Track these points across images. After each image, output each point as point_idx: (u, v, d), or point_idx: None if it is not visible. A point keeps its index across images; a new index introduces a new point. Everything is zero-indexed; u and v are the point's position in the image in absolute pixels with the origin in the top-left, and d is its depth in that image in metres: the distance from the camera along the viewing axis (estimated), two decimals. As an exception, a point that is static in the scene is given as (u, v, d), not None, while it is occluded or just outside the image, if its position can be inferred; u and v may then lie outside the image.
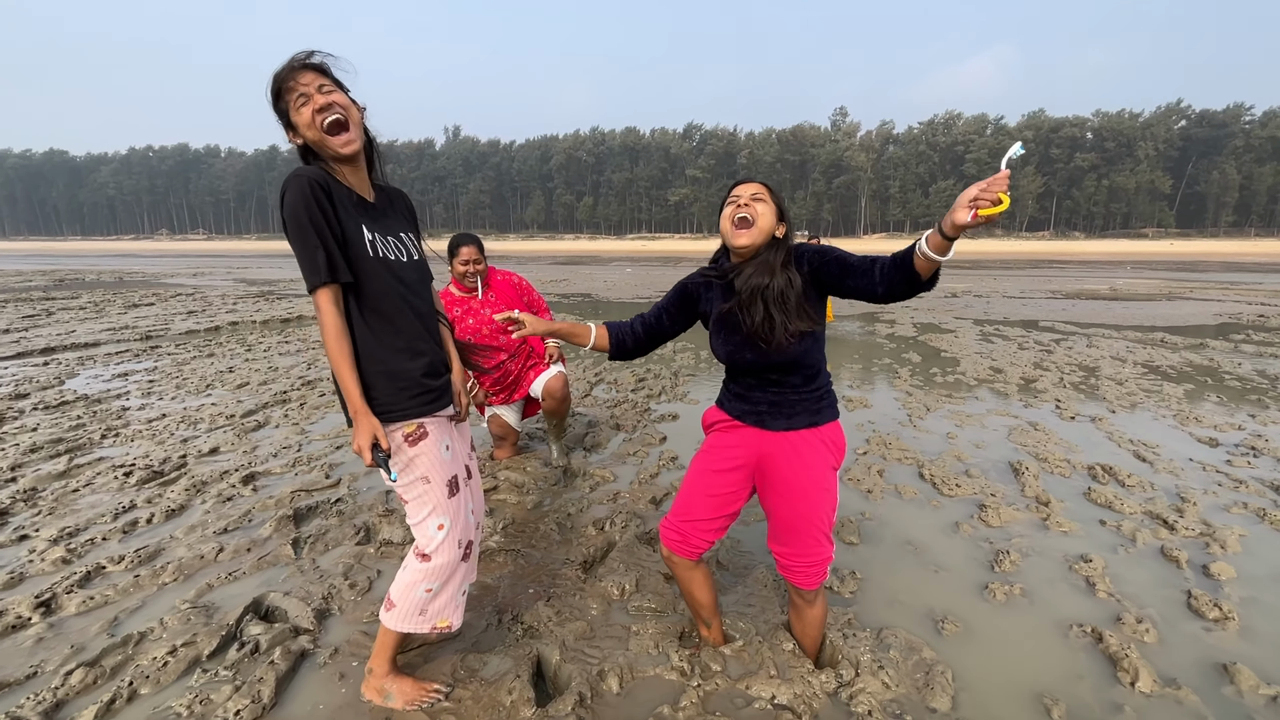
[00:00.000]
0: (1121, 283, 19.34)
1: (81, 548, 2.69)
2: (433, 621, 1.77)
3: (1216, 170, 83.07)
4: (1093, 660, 2.02)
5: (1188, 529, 2.91)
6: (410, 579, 1.73)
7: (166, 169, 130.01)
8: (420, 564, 1.73)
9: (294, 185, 1.48)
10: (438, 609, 1.77)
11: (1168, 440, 4.25)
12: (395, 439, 1.62)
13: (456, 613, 1.82)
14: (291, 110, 1.55)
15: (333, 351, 1.53)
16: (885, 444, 4.13)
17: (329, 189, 1.53)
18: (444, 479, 1.69)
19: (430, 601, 1.75)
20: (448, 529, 1.71)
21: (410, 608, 1.74)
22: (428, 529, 1.71)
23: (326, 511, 3.09)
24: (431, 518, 1.70)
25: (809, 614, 1.92)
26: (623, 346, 1.85)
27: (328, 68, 1.58)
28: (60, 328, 9.06)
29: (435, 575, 1.73)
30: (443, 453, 1.69)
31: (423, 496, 1.68)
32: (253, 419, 4.60)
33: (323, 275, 1.49)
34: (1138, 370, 6.50)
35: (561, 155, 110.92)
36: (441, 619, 1.79)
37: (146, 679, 1.88)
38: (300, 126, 1.55)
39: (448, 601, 1.79)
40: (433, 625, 1.78)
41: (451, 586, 1.78)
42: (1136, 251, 53.16)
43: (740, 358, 1.74)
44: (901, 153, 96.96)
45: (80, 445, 3.98)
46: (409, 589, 1.73)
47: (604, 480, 3.53)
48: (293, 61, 1.55)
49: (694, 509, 1.85)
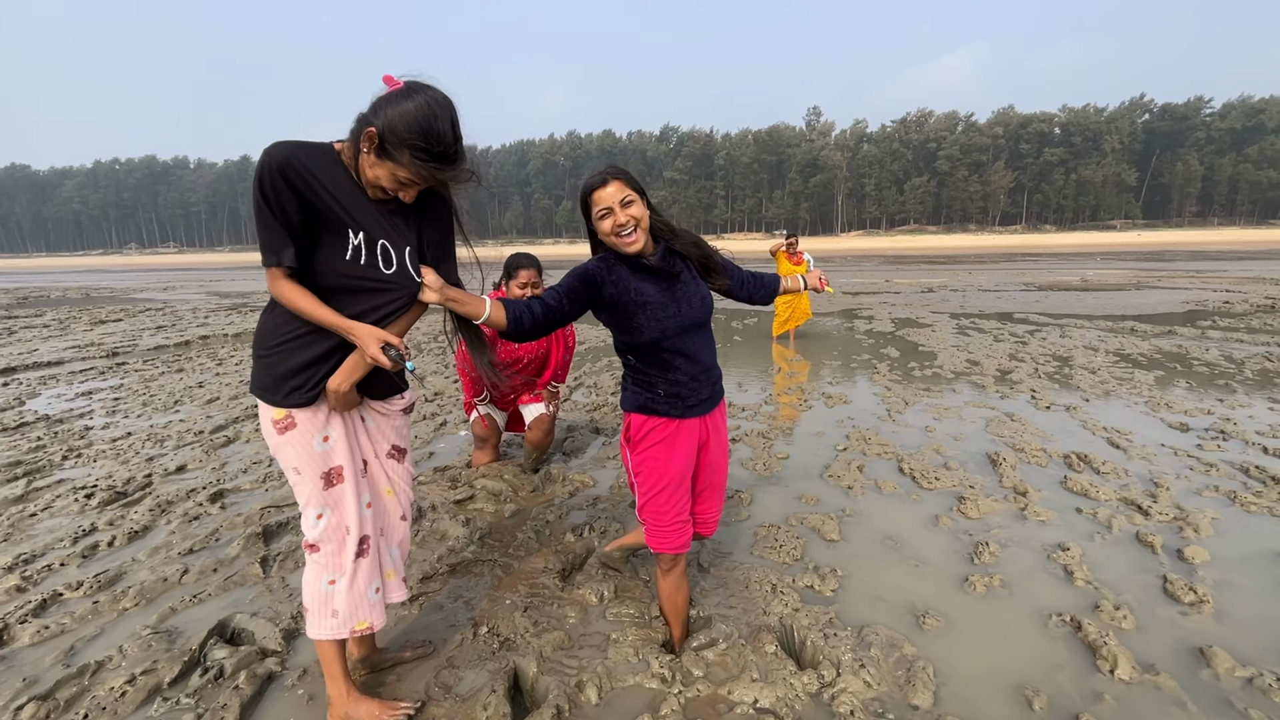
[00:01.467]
0: (1092, 273, 19.73)
1: (38, 574, 2.58)
2: (349, 624, 1.69)
3: (1180, 162, 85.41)
4: (1072, 649, 2.02)
5: (1162, 514, 2.94)
6: (309, 574, 1.69)
7: (134, 182, 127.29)
8: (309, 555, 1.68)
9: (260, 166, 1.42)
10: (349, 609, 1.69)
11: (1140, 427, 4.32)
12: (267, 422, 1.60)
13: (374, 612, 1.74)
14: (364, 145, 1.48)
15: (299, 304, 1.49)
16: (865, 439, 4.14)
17: (294, 174, 1.43)
18: (316, 472, 1.62)
19: (336, 598, 1.67)
20: (328, 518, 1.66)
21: (318, 607, 1.67)
22: (308, 518, 1.66)
23: (297, 528, 3.00)
24: (309, 507, 1.65)
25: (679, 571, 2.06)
26: (520, 325, 1.77)
27: None
28: (22, 346, 8.78)
29: (329, 566, 1.67)
30: (315, 444, 1.61)
31: (297, 486, 1.64)
32: (222, 434, 4.48)
33: (271, 258, 1.46)
34: (1110, 359, 6.61)
35: (538, 160, 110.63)
36: (358, 620, 1.70)
37: (103, 710, 1.80)
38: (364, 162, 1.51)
39: (359, 600, 1.70)
40: (350, 628, 1.69)
41: (359, 582, 1.69)
42: (1106, 243, 54.34)
43: (670, 325, 1.82)
44: (876, 151, 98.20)
45: (40, 467, 3.84)
46: (311, 585, 1.68)
47: (583, 486, 3.48)
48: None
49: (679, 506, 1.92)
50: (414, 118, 1.42)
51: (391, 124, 1.41)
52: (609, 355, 7.42)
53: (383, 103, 1.44)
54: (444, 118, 1.45)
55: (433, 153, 1.45)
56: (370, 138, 1.44)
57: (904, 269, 25.23)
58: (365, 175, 1.51)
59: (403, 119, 1.41)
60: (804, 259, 8.05)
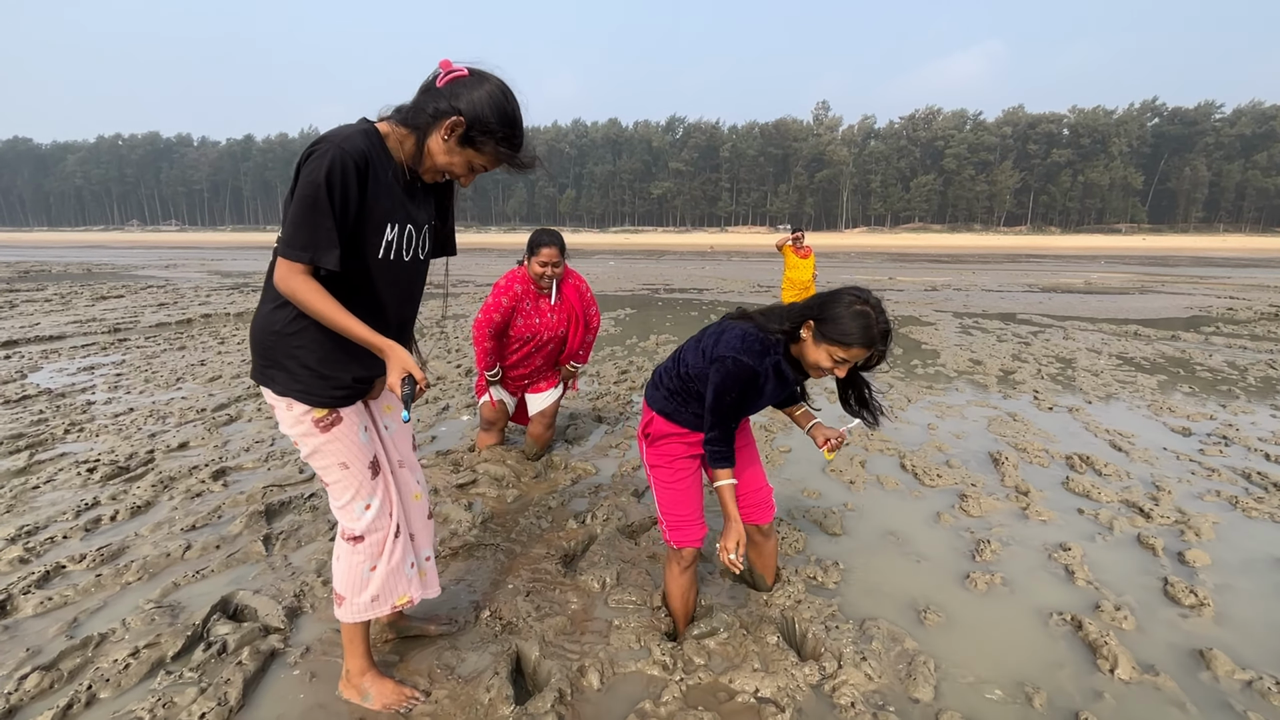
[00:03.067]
0: (1096, 276, 19.70)
1: (40, 546, 2.58)
2: (390, 601, 1.72)
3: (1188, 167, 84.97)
4: (1073, 648, 2.02)
5: (1163, 517, 2.95)
6: (348, 564, 1.68)
7: (137, 158, 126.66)
8: (353, 546, 1.67)
9: (332, 157, 1.33)
10: (390, 588, 1.71)
11: (1143, 430, 4.32)
12: (305, 423, 1.54)
13: (413, 585, 1.77)
14: (445, 133, 1.42)
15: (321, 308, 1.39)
16: (866, 435, 4.14)
17: (366, 173, 1.39)
18: (364, 462, 1.62)
19: (375, 583, 1.69)
20: (376, 507, 1.66)
21: (355, 593, 1.68)
22: (353, 510, 1.64)
23: (300, 507, 3.00)
24: (358, 499, 1.64)
25: (767, 546, 2.23)
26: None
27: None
28: (24, 320, 8.77)
29: (372, 555, 1.67)
30: (360, 435, 1.61)
31: (343, 481, 1.62)
32: (224, 413, 4.48)
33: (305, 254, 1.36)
34: (1112, 362, 6.61)
35: (543, 147, 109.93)
36: (400, 596, 1.74)
37: (106, 682, 1.80)
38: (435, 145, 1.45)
39: (398, 577, 1.72)
40: (391, 604, 1.73)
41: (395, 560, 1.71)
42: (1110, 246, 54.23)
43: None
44: (883, 147, 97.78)
45: (42, 441, 3.84)
46: (349, 572, 1.68)
47: (585, 473, 3.49)
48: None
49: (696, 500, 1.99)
50: (498, 106, 1.41)
51: (480, 113, 1.40)
52: (611, 344, 7.41)
53: (461, 89, 1.40)
54: (515, 104, 1.45)
55: (514, 141, 1.45)
56: (455, 126, 1.41)
57: (907, 267, 25.18)
58: (430, 161, 1.47)
59: (490, 107, 1.40)
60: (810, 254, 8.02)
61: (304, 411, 1.52)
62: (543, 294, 3.40)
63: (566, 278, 3.47)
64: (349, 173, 1.36)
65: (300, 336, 1.47)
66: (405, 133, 1.46)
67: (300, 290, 1.38)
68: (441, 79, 1.42)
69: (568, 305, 3.46)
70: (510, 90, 1.44)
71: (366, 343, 1.45)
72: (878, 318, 1.69)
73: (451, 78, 1.42)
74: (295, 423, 1.54)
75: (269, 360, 1.50)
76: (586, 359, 3.71)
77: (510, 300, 3.32)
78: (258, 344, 1.52)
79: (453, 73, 1.42)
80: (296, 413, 1.52)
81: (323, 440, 1.55)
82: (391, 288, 1.55)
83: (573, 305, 3.47)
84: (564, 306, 3.45)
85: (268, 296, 1.49)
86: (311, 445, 1.56)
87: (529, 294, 3.37)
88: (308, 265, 1.38)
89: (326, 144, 1.36)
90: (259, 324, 1.51)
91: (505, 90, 1.43)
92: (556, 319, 3.42)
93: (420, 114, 1.43)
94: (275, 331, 1.48)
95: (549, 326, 3.41)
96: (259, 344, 1.51)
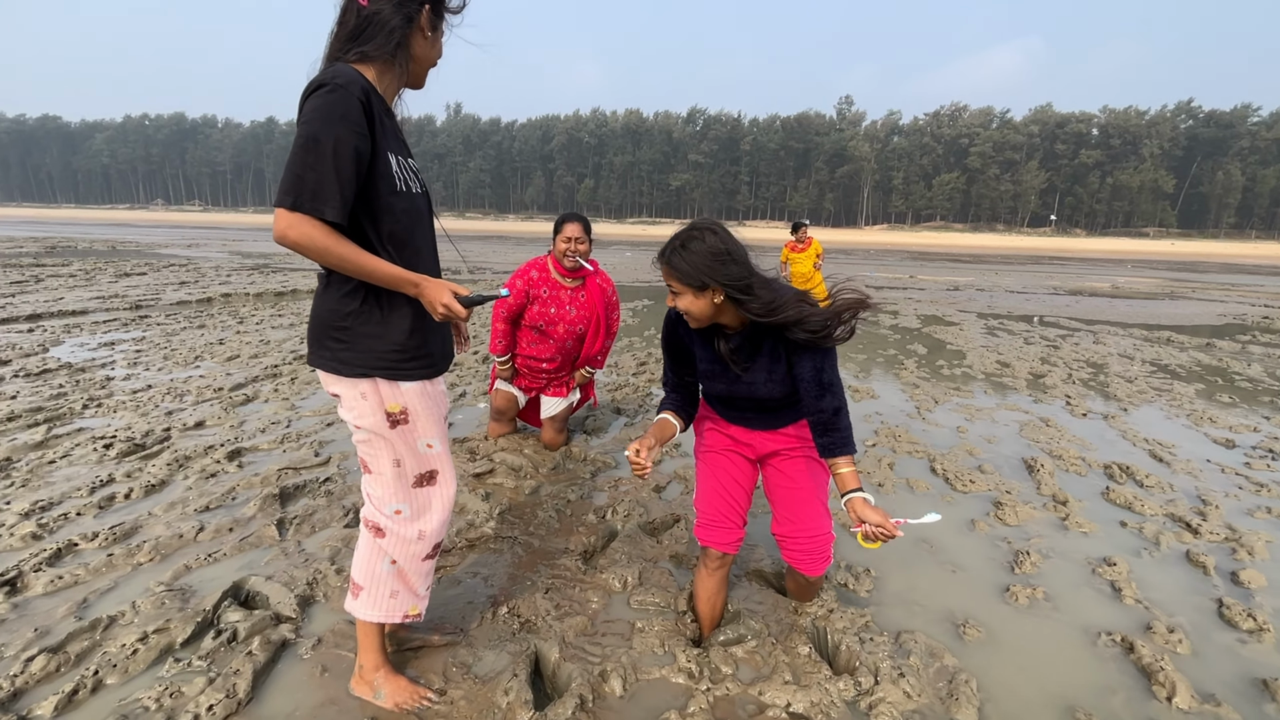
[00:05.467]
0: (1123, 280, 19.23)
1: (54, 523, 2.54)
2: (404, 609, 1.65)
3: (1221, 171, 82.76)
4: (1125, 672, 1.90)
5: (1212, 533, 2.80)
6: (368, 553, 1.61)
7: (162, 138, 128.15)
8: (374, 536, 1.60)
9: (338, 95, 1.25)
10: (409, 592, 1.65)
11: (1183, 440, 4.14)
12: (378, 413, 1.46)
13: (423, 603, 1.71)
14: (426, 28, 1.42)
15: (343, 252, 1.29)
16: (894, 436, 4.01)
17: (372, 111, 1.32)
18: (414, 470, 1.56)
19: (397, 579, 1.62)
20: (407, 515, 1.59)
21: (374, 586, 1.61)
22: (385, 510, 1.58)
23: (314, 491, 2.95)
24: (392, 501, 1.57)
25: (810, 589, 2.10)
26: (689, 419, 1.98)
27: None
28: (48, 294, 8.84)
29: (392, 551, 1.60)
30: (420, 446, 1.55)
31: (386, 475, 1.55)
32: (241, 393, 4.45)
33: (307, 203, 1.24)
34: (1146, 368, 6.39)
35: (563, 136, 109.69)
36: (412, 606, 1.67)
37: (114, 668, 1.75)
38: (421, 48, 1.44)
39: (412, 594, 1.66)
40: (404, 613, 1.65)
41: (423, 569, 1.66)
42: (1138, 250, 53.06)
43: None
44: (906, 144, 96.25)
45: (60, 415, 3.82)
46: (368, 563, 1.61)
47: (605, 466, 3.40)
48: None
49: (722, 501, 1.91)
50: None
51: None
52: (629, 335, 7.31)
53: None
54: None
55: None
56: (430, 12, 1.40)
57: (928, 265, 24.78)
58: (417, 69, 1.45)
59: None
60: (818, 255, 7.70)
61: (379, 400, 1.45)
62: (565, 286, 3.31)
63: (594, 277, 3.38)
64: (358, 113, 1.29)
65: (375, 311, 1.41)
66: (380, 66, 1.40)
67: (315, 239, 1.26)
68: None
69: (590, 304, 3.37)
70: None
71: (397, 280, 1.36)
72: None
73: None
74: (366, 410, 1.46)
75: (341, 342, 1.42)
76: (602, 364, 3.62)
77: (525, 284, 3.27)
78: (326, 327, 1.43)
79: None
80: (372, 401, 1.45)
81: (389, 434, 1.49)
82: (417, 225, 1.48)
83: (595, 305, 3.38)
84: (587, 303, 3.36)
85: (336, 278, 1.41)
86: (372, 434, 1.50)
87: (547, 281, 3.30)
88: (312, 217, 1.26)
89: (334, 84, 1.27)
90: (328, 307, 1.42)
91: None
92: (576, 313, 3.33)
93: (384, 33, 1.36)
94: (348, 312, 1.41)
95: (565, 319, 3.32)
96: (327, 326, 1.42)
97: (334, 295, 1.42)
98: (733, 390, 1.79)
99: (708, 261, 1.56)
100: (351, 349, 1.42)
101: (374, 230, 1.39)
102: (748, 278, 1.58)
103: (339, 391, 1.47)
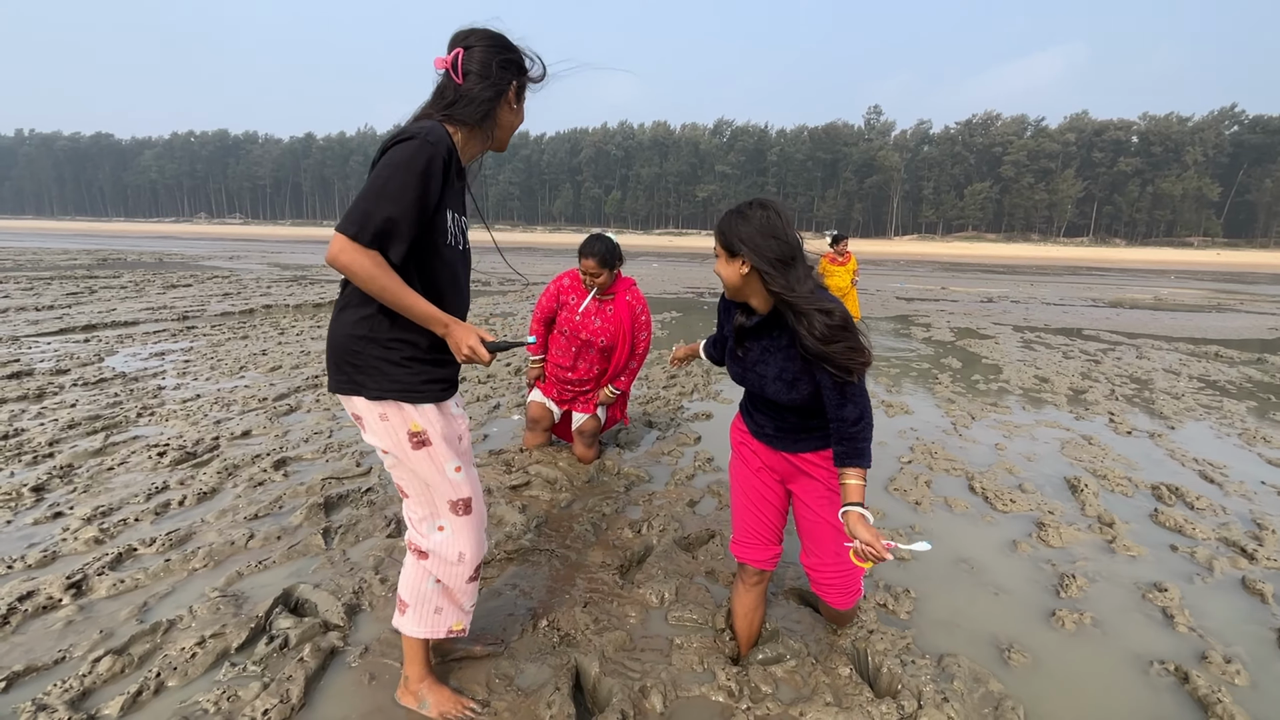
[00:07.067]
0: (1166, 292, 18.63)
1: (114, 528, 2.66)
2: (448, 624, 1.69)
3: (1269, 178, 79.73)
4: (1179, 703, 1.85)
5: (1270, 560, 2.70)
6: (414, 573, 1.66)
7: (206, 154, 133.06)
8: (417, 559, 1.65)
9: (426, 150, 1.35)
10: (454, 608, 1.69)
11: (1235, 461, 4.00)
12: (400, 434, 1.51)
13: (467, 618, 1.75)
14: (512, 100, 1.54)
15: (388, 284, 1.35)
16: (930, 453, 3.95)
17: (450, 170, 1.43)
18: (445, 496, 1.59)
19: (442, 596, 1.66)
20: (449, 532, 1.62)
21: (420, 604, 1.66)
22: (427, 526, 1.63)
23: (357, 501, 3.03)
24: (433, 519, 1.62)
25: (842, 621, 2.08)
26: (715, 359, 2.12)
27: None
28: (102, 306, 9.24)
29: (437, 571, 1.64)
30: (449, 472, 1.57)
31: (422, 497, 1.60)
32: (284, 403, 4.59)
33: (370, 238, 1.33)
34: (1194, 384, 6.19)
35: (590, 149, 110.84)
36: (456, 622, 1.71)
37: (174, 670, 1.82)
38: (506, 117, 1.55)
39: (457, 610, 1.70)
40: (448, 628, 1.70)
41: (468, 590, 1.70)
42: (1180, 260, 51.33)
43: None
44: (936, 153, 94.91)
45: (117, 423, 3.99)
46: (414, 582, 1.66)
47: (639, 480, 3.42)
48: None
49: (751, 518, 1.91)
50: (507, 46, 1.52)
51: (524, 60, 1.52)
52: (658, 348, 7.33)
53: (476, 65, 1.46)
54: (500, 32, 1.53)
55: (532, 58, 1.57)
56: (518, 89, 1.52)
57: (960, 276, 24.35)
58: (500, 135, 1.56)
59: (511, 53, 1.51)
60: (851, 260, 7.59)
61: (401, 421, 1.50)
62: (594, 297, 3.40)
63: (623, 293, 3.45)
64: (439, 168, 1.39)
65: (391, 336, 1.46)
66: (468, 131, 1.50)
67: (366, 267, 1.33)
68: (457, 76, 1.46)
69: (617, 318, 3.43)
70: (494, 29, 1.51)
71: (431, 318, 1.43)
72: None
73: (459, 63, 1.46)
74: (388, 433, 1.51)
75: (358, 366, 1.47)
76: (628, 385, 3.65)
77: (556, 290, 3.46)
78: (344, 351, 1.47)
79: (455, 60, 1.46)
80: (393, 422, 1.50)
81: (412, 455, 1.53)
82: (455, 275, 1.56)
83: (623, 320, 3.43)
84: (614, 317, 3.42)
85: (353, 303, 1.46)
86: (399, 457, 1.54)
87: (577, 290, 3.43)
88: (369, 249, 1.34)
89: (423, 139, 1.37)
90: (344, 331, 1.47)
91: (496, 34, 1.50)
92: (601, 324, 3.40)
93: (475, 105, 1.47)
94: (363, 337, 1.45)
95: (588, 328, 3.39)
96: (346, 351, 1.47)
97: (350, 319, 1.47)
98: (745, 378, 1.79)
99: (746, 229, 1.58)
100: (369, 372, 1.46)
101: (416, 271, 1.46)
102: (781, 258, 1.56)
103: (361, 414, 1.52)
